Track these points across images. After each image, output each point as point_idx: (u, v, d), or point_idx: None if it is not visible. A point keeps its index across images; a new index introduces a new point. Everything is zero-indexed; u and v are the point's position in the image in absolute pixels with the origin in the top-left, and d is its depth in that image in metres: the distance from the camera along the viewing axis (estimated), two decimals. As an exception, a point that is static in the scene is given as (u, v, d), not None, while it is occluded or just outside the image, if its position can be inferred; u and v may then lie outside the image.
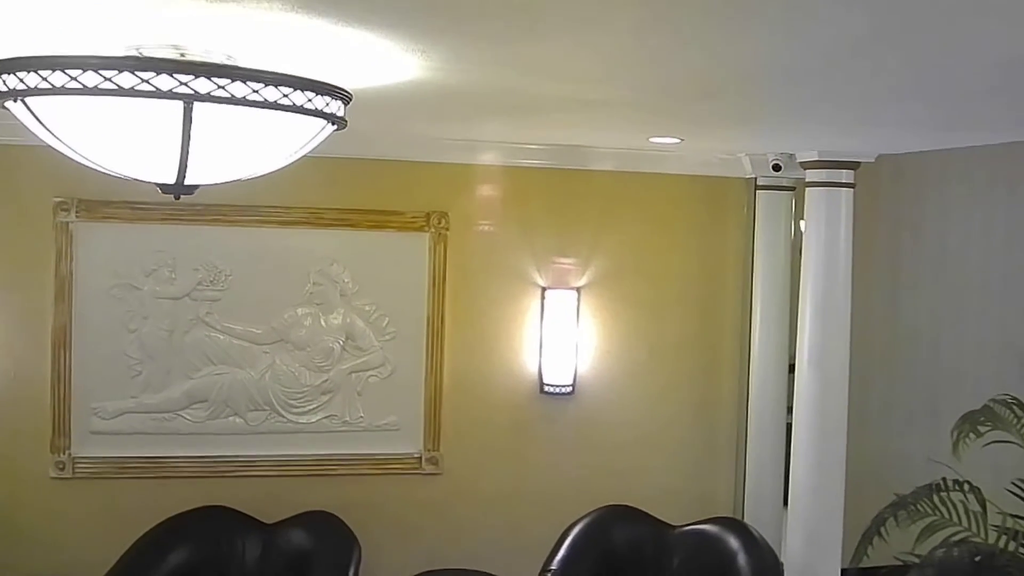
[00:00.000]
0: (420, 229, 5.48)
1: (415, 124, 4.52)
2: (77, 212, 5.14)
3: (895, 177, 6.07)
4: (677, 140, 4.82)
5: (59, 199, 5.10)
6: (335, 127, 2.61)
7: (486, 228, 5.55)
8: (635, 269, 5.69)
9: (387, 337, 5.52)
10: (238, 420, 5.39)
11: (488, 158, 5.45)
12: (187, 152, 2.34)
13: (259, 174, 2.69)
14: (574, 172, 5.56)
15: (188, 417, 5.34)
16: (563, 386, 5.60)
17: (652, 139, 4.83)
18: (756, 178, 5.69)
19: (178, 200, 2.62)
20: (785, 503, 5.38)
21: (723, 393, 5.87)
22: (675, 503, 5.58)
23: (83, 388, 5.20)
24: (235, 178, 2.64)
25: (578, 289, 5.62)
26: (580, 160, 5.50)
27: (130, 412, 5.29)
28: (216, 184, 2.65)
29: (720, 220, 5.78)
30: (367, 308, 5.49)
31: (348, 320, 5.48)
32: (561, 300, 5.58)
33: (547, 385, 5.61)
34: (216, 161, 2.48)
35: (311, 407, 5.47)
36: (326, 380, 5.47)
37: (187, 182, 2.48)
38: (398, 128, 4.79)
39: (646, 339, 5.73)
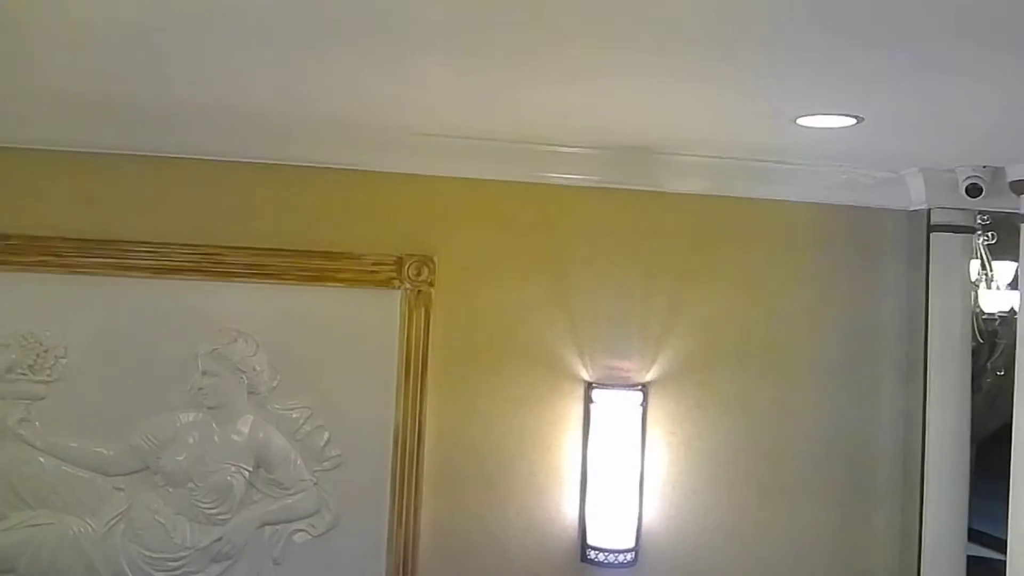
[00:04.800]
0: (387, 284, 3.34)
1: (378, 74, 2.38)
2: None
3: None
4: (851, 120, 2.68)
5: None
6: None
7: (495, 284, 3.39)
8: (737, 355, 3.54)
9: (326, 465, 3.38)
10: (68, 607, 3.22)
11: (501, 170, 3.36)
12: None
13: None
14: (640, 195, 3.46)
15: (-18, 600, 3.21)
16: (619, 552, 3.40)
17: (803, 119, 2.70)
18: (929, 211, 3.54)
19: None
20: None
21: (879, 558, 3.62)
22: None
23: None
24: None
25: (644, 387, 3.43)
26: (650, 176, 3.41)
27: None
28: None
29: (871, 275, 3.63)
30: (294, 415, 3.36)
31: (261, 435, 3.33)
32: (617, 405, 3.40)
33: (593, 549, 3.41)
34: None
35: (195, 585, 3.30)
36: (219, 539, 3.29)
37: None
38: (351, 103, 2.72)
39: (756, 470, 3.53)
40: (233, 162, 3.23)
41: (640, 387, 3.43)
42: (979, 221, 3.68)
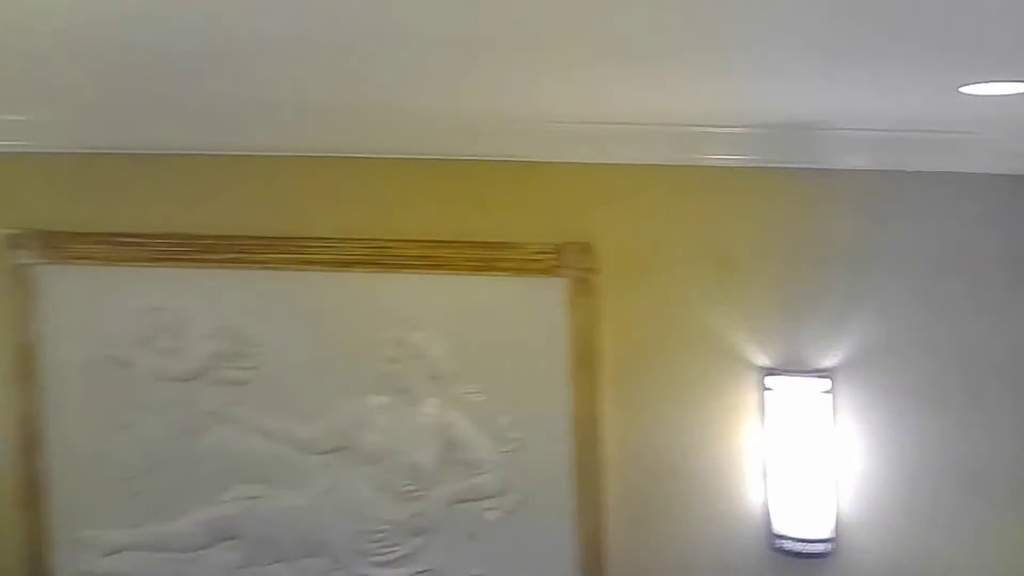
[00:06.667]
0: (550, 272, 3.32)
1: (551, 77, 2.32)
2: (38, 249, 3.49)
3: None
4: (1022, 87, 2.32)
5: (11, 230, 3.50)
6: None
7: (658, 269, 3.30)
8: (925, 339, 3.20)
9: (509, 446, 3.43)
10: (285, 570, 3.52)
11: (655, 154, 3.21)
12: None
13: None
14: (803, 173, 3.17)
15: (215, 562, 3.55)
16: (813, 541, 3.21)
17: (966, 87, 2.35)
18: None
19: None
20: None
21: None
22: None
23: (67, 507, 3.61)
24: None
25: (826, 373, 3.20)
26: (811, 151, 3.14)
27: (131, 549, 3.59)
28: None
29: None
30: (475, 399, 3.43)
31: (447, 418, 3.42)
32: (797, 392, 3.19)
33: (781, 538, 3.25)
34: None
35: (396, 555, 3.49)
36: (418, 513, 3.46)
37: None
38: (511, 98, 2.71)
39: (956, 459, 3.20)
40: (401, 159, 3.33)
41: (822, 373, 3.20)
42: None
